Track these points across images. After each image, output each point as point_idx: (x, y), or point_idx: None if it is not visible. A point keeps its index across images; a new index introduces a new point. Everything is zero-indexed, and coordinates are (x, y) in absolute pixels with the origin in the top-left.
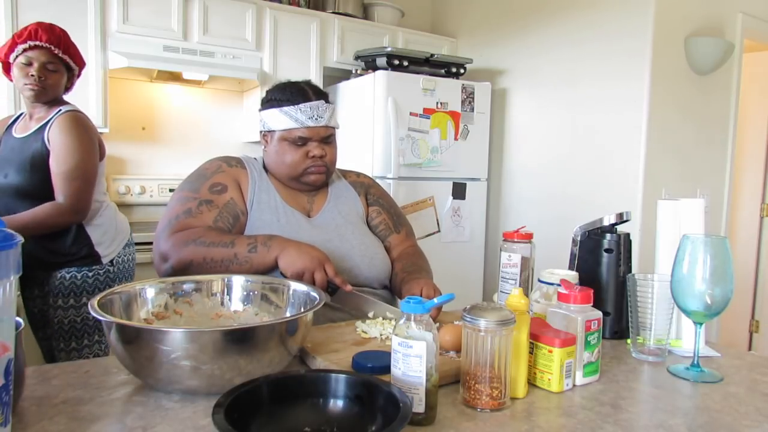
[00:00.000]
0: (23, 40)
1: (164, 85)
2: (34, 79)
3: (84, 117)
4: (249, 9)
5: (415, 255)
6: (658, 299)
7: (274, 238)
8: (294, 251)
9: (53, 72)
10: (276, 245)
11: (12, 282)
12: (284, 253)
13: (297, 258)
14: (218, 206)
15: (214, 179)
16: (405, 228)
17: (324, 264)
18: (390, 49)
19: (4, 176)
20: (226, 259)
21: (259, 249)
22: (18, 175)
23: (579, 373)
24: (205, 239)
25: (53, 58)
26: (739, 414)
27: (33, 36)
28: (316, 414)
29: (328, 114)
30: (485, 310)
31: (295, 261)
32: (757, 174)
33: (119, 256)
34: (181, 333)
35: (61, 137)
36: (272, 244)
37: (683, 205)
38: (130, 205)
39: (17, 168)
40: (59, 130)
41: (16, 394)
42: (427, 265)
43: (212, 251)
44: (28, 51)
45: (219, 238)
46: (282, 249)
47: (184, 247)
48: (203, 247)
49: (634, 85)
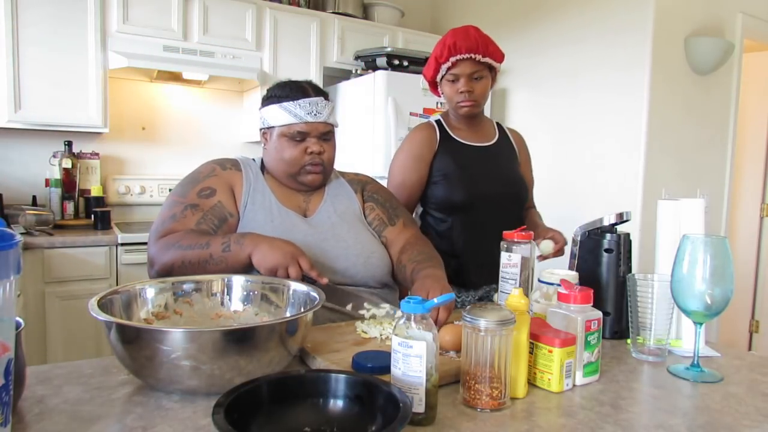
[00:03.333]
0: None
1: (164, 85)
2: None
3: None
4: (249, 9)
5: (419, 243)
6: (658, 299)
7: (247, 235)
8: (266, 247)
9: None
10: (249, 242)
11: (12, 282)
12: (257, 250)
13: (269, 253)
14: (203, 210)
15: (204, 183)
16: (402, 218)
17: (298, 258)
18: (390, 49)
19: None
20: (202, 260)
21: (233, 247)
22: None
23: (579, 373)
24: (183, 242)
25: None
26: (739, 414)
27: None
28: (316, 414)
29: (327, 111)
30: (485, 310)
31: (267, 257)
32: (757, 174)
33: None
34: (181, 333)
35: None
36: (245, 242)
37: (683, 205)
38: (130, 205)
39: None
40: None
41: (16, 394)
42: (433, 251)
43: (188, 254)
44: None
45: (195, 240)
46: (255, 245)
47: (166, 251)
48: (180, 250)
49: (634, 84)
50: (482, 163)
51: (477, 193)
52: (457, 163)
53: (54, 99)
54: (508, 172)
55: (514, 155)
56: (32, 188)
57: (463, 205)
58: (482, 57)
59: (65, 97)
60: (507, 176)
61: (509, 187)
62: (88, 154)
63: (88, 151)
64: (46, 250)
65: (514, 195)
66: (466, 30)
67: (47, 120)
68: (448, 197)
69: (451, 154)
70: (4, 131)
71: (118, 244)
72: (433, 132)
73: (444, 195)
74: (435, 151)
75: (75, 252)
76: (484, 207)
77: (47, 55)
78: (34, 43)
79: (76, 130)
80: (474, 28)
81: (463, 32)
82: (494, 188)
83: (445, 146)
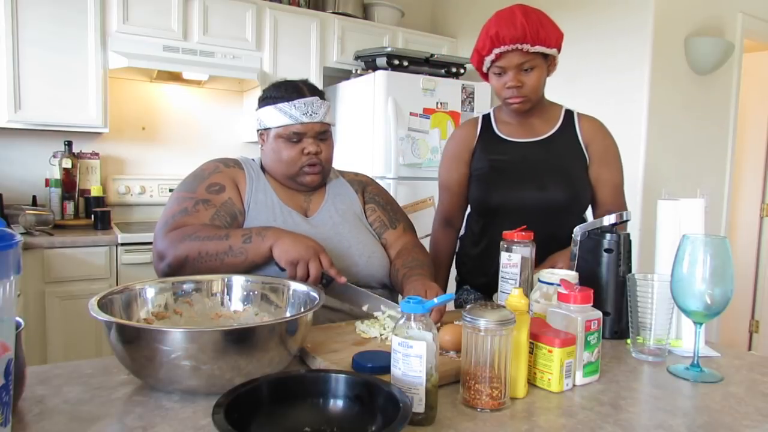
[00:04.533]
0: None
1: (164, 85)
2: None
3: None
4: (249, 9)
5: (414, 250)
6: (658, 299)
7: (269, 228)
8: (289, 240)
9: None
10: (271, 235)
11: (12, 282)
12: (279, 242)
13: (291, 247)
14: (215, 205)
15: (211, 179)
16: (402, 223)
17: (319, 254)
18: (390, 49)
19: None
20: (221, 251)
21: (254, 239)
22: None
23: (579, 373)
24: (200, 234)
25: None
26: (739, 414)
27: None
28: (316, 414)
29: (323, 110)
30: (485, 310)
31: (289, 250)
32: (757, 174)
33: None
34: (181, 333)
35: None
36: (267, 234)
37: (683, 205)
38: (130, 205)
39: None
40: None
41: (16, 394)
42: (427, 259)
43: (207, 245)
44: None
45: (214, 232)
46: (277, 238)
47: (180, 244)
48: (198, 241)
49: (634, 85)
50: (520, 161)
51: (507, 197)
52: (490, 163)
53: (54, 99)
54: (553, 172)
55: (576, 152)
56: (32, 188)
57: (489, 209)
58: (531, 46)
59: (65, 97)
60: (551, 178)
61: (550, 191)
62: (88, 154)
63: (88, 151)
64: (46, 250)
65: (557, 200)
66: (511, 15)
67: (47, 120)
68: (476, 199)
69: (487, 152)
70: (4, 131)
71: (118, 244)
72: (472, 129)
73: (474, 196)
74: (473, 148)
75: (75, 252)
76: (514, 213)
77: (47, 55)
78: (34, 43)
79: (76, 130)
80: (521, 11)
81: (508, 18)
82: (528, 192)
83: (483, 143)
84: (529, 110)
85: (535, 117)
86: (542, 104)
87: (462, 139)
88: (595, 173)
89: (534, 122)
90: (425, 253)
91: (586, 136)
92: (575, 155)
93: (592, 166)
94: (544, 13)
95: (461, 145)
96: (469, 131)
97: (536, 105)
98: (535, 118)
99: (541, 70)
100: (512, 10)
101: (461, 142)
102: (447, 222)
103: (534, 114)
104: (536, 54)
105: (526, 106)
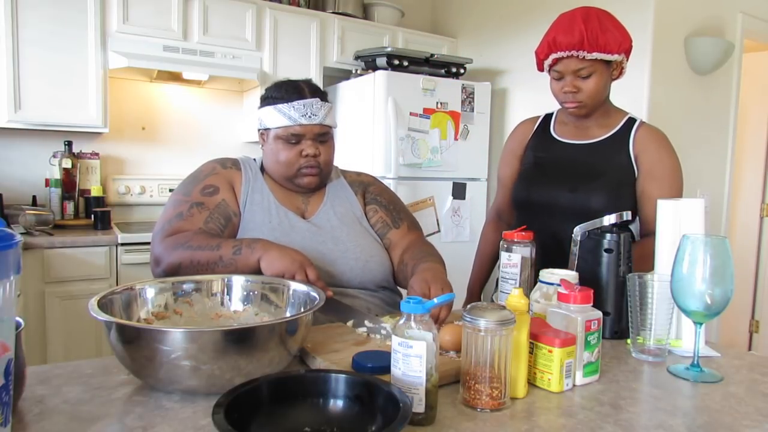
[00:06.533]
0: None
1: (164, 85)
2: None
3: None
4: (249, 9)
5: (423, 244)
6: (658, 299)
7: (259, 240)
8: (276, 253)
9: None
10: (260, 247)
11: (12, 282)
12: (266, 255)
13: (277, 259)
14: (209, 208)
15: (206, 181)
16: (406, 222)
17: (305, 267)
18: (390, 49)
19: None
20: (212, 261)
21: (244, 251)
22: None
23: (579, 373)
24: (192, 243)
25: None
26: (739, 414)
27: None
28: (316, 414)
29: (323, 112)
30: (485, 310)
31: (275, 262)
32: (757, 174)
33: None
34: (181, 333)
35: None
36: (256, 246)
37: (683, 205)
38: (130, 205)
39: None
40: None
41: (16, 394)
42: (435, 251)
43: (198, 254)
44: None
45: (206, 241)
46: (265, 251)
47: (173, 251)
48: (190, 250)
49: (634, 84)
50: (560, 161)
51: (543, 195)
52: (535, 160)
53: (54, 99)
54: (589, 177)
55: (623, 160)
56: (32, 188)
57: (526, 205)
58: (588, 53)
59: (65, 97)
60: (585, 181)
61: (581, 194)
62: (88, 154)
63: (88, 151)
64: (46, 250)
65: (588, 204)
66: (571, 20)
67: (47, 120)
68: (516, 194)
69: (535, 150)
70: (4, 131)
71: (118, 244)
72: (529, 125)
73: (515, 191)
74: (525, 145)
75: (75, 252)
76: (548, 212)
77: (47, 55)
78: (34, 43)
79: (76, 130)
80: (582, 15)
81: (568, 23)
82: (561, 192)
83: (535, 141)
84: (588, 114)
85: (593, 121)
86: (604, 108)
87: (518, 135)
88: (640, 186)
89: (590, 126)
90: (433, 247)
91: (637, 147)
92: (620, 164)
93: (639, 178)
94: (609, 16)
95: (517, 140)
96: (526, 127)
97: (596, 109)
98: (592, 122)
99: (601, 76)
100: (573, 15)
101: (517, 138)
102: (498, 216)
103: (592, 118)
104: (595, 60)
105: (582, 111)
